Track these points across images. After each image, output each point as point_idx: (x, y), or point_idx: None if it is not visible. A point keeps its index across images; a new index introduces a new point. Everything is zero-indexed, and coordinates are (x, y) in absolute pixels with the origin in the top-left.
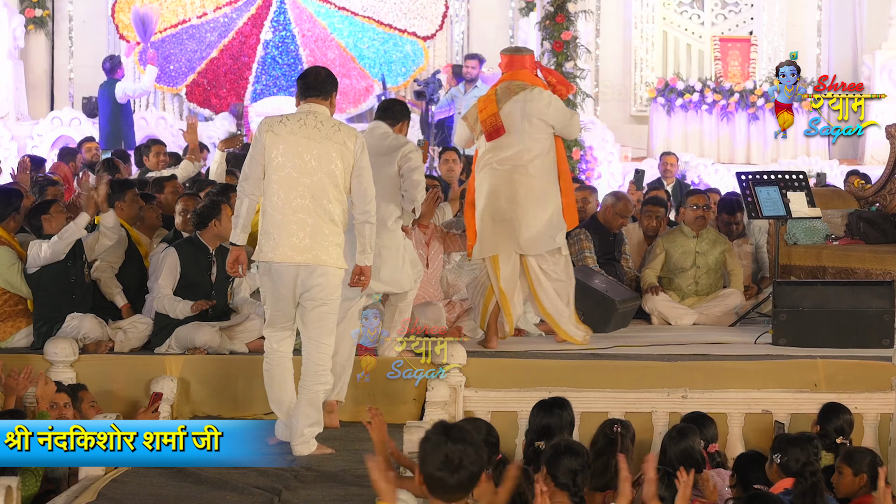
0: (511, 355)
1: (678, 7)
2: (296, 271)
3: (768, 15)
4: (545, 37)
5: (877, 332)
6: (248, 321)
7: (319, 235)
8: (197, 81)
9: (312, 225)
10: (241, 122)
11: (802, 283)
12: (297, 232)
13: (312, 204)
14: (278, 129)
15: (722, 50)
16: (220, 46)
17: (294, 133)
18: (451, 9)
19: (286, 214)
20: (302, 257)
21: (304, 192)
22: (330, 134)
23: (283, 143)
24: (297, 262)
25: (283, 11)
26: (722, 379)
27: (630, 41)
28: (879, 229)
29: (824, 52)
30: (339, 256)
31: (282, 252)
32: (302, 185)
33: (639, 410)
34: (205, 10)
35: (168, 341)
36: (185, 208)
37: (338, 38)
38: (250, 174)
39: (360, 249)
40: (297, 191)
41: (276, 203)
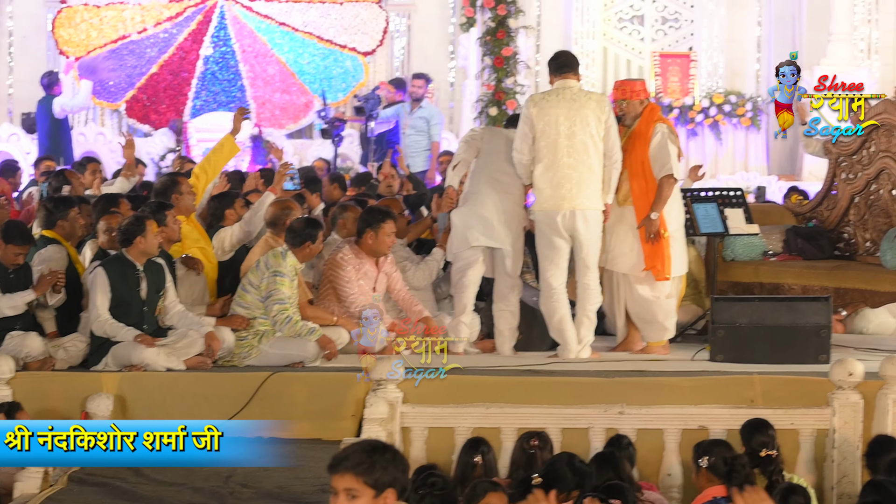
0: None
1: (618, 23)
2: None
3: (708, 31)
4: (486, 52)
5: (814, 347)
6: (186, 338)
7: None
8: (136, 97)
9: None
10: (180, 137)
11: (740, 300)
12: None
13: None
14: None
15: (662, 66)
16: (159, 62)
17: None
18: (392, 24)
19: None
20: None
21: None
22: (584, 102)
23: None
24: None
25: (224, 27)
26: (659, 395)
27: None
28: (817, 245)
29: (764, 67)
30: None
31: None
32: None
33: (575, 426)
34: (145, 25)
35: (105, 359)
36: (109, 226)
37: (278, 54)
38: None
39: (606, 190)
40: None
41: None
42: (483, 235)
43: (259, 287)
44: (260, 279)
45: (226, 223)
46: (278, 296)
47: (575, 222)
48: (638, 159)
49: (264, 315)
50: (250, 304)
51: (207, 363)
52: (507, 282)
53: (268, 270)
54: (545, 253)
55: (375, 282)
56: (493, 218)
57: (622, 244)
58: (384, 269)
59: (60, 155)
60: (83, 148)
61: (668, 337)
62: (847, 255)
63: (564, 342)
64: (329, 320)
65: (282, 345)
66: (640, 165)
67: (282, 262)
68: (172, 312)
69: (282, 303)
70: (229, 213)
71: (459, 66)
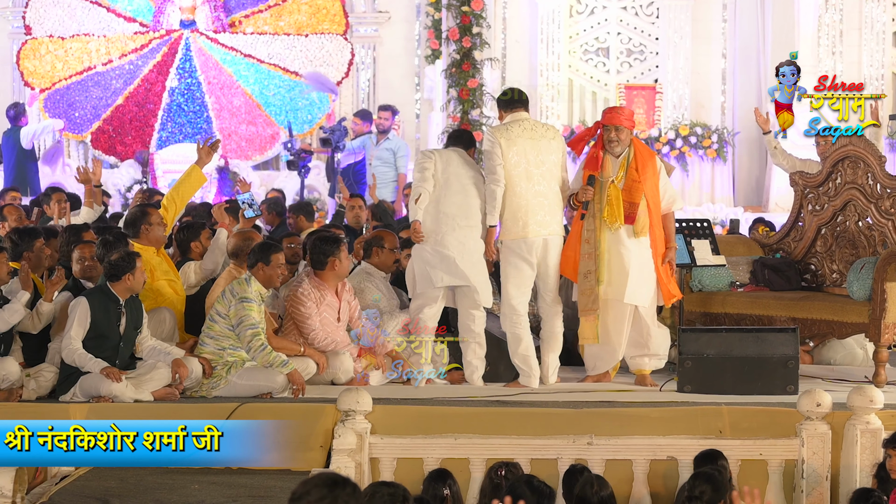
0: (417, 402)
1: (583, 55)
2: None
3: (673, 63)
4: (451, 84)
5: (781, 378)
6: (154, 370)
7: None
8: (102, 129)
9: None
10: (146, 169)
11: (707, 330)
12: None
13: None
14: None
15: (627, 97)
16: (125, 93)
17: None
18: (357, 56)
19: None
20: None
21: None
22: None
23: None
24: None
25: (189, 59)
26: (627, 425)
27: (536, 89)
28: (784, 276)
29: (729, 99)
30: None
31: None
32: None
33: (544, 457)
34: (110, 57)
35: (73, 389)
36: (83, 256)
37: (244, 86)
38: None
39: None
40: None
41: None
42: (447, 275)
43: (227, 315)
44: (227, 307)
45: (192, 255)
46: (249, 321)
47: (547, 249)
48: (654, 190)
49: (233, 345)
50: (219, 334)
51: (175, 394)
52: (470, 314)
53: (234, 298)
54: (514, 280)
55: (339, 311)
56: (456, 256)
57: (641, 276)
58: (344, 297)
59: (27, 186)
60: (49, 180)
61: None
62: (814, 287)
63: (529, 368)
64: (296, 350)
65: (250, 375)
66: (655, 196)
67: (247, 288)
68: (144, 346)
69: (254, 327)
70: (194, 245)
71: (425, 97)
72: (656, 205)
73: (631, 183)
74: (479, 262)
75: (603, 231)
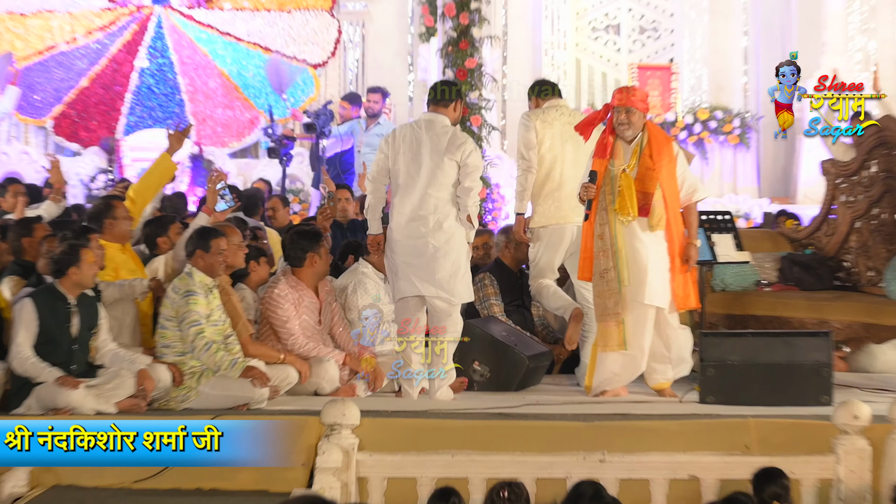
0: (409, 415)
1: (592, 32)
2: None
3: (690, 41)
4: (447, 65)
5: (814, 388)
6: (116, 378)
7: None
8: (65, 113)
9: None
10: (112, 157)
11: (731, 334)
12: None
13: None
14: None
15: (640, 79)
16: (90, 75)
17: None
18: (345, 34)
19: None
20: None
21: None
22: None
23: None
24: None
25: (161, 37)
26: (644, 441)
27: (540, 69)
28: (814, 274)
29: (752, 80)
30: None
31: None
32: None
33: (551, 476)
34: (75, 35)
35: (27, 401)
36: (51, 251)
37: (220, 66)
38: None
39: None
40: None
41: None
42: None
43: (174, 318)
44: (173, 308)
45: (159, 252)
46: (192, 317)
47: (577, 236)
48: (671, 179)
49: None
50: (172, 341)
51: (141, 406)
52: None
53: (177, 295)
54: (551, 264)
55: (320, 313)
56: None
57: (658, 273)
58: (326, 298)
59: None
60: (6, 168)
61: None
62: (848, 286)
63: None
64: (276, 358)
65: (224, 385)
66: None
67: (189, 281)
68: (104, 351)
69: (196, 324)
70: (162, 240)
71: (419, 79)
72: (673, 195)
73: (644, 171)
74: (449, 267)
75: (616, 225)
